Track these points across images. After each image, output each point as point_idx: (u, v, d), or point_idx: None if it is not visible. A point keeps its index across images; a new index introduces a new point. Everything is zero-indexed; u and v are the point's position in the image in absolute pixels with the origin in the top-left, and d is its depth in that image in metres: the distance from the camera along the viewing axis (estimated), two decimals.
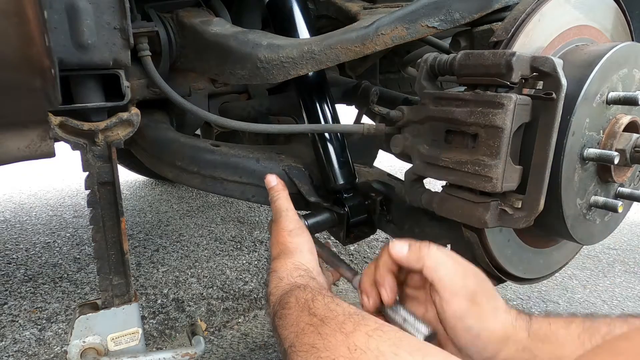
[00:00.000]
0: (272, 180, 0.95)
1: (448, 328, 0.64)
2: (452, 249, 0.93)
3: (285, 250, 0.81)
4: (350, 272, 0.84)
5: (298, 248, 0.81)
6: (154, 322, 1.60)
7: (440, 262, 0.65)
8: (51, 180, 3.43)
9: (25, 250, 2.16)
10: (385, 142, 0.91)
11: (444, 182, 0.81)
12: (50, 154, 0.91)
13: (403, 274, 0.73)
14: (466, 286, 0.63)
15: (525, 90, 0.71)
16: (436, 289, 0.64)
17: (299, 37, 1.01)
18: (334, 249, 0.92)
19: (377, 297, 0.70)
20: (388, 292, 0.69)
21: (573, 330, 0.60)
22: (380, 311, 0.71)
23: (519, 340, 0.62)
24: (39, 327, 1.55)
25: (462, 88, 0.78)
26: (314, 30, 1.04)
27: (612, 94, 0.75)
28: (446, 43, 1.09)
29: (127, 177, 3.33)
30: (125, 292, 0.90)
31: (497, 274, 0.87)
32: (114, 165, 0.83)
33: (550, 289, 1.87)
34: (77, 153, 0.82)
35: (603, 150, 0.75)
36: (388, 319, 0.69)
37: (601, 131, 0.78)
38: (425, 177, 0.87)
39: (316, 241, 0.87)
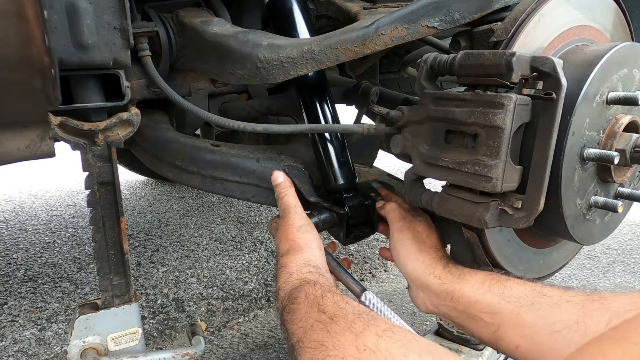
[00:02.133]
0: (279, 177, 0.95)
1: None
2: (452, 249, 0.93)
3: (295, 246, 0.81)
4: (358, 287, 0.83)
5: (307, 244, 0.81)
6: (154, 322, 1.60)
7: (389, 212, 0.93)
8: (51, 180, 3.43)
9: (25, 250, 2.17)
10: (385, 142, 0.91)
11: (444, 182, 0.81)
12: (50, 154, 0.91)
13: None
14: (401, 230, 0.88)
15: (525, 90, 0.71)
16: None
17: (299, 37, 1.01)
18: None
19: None
20: None
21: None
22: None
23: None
24: (39, 327, 1.55)
25: (462, 88, 0.78)
26: (314, 30, 1.04)
27: (612, 94, 0.75)
28: (446, 43, 1.09)
29: (127, 177, 3.33)
30: (125, 292, 0.90)
31: None
32: (114, 165, 0.83)
33: None
34: (77, 153, 0.83)
35: (603, 150, 0.75)
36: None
37: (601, 131, 0.77)
38: (425, 177, 0.86)
39: (325, 252, 0.87)
